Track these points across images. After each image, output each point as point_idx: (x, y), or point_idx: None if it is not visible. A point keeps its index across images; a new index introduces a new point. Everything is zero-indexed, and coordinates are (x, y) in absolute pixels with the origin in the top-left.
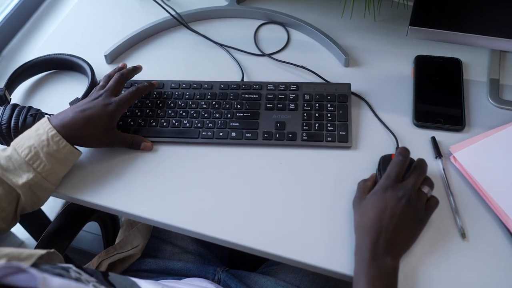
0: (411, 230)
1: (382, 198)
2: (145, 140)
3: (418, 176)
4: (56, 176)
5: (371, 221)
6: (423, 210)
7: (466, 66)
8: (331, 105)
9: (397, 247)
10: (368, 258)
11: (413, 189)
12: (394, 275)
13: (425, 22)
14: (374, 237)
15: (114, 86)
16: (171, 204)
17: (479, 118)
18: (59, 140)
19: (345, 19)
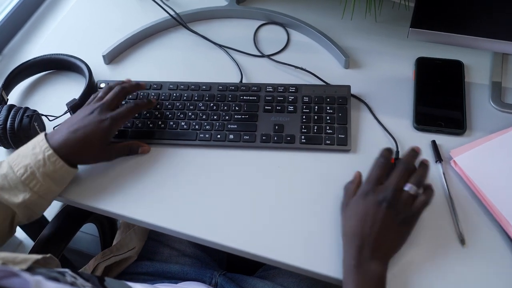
0: (395, 233)
1: (363, 204)
2: (142, 144)
3: (400, 174)
4: (53, 194)
5: (354, 229)
6: (408, 211)
7: (468, 69)
8: (330, 107)
9: (383, 252)
10: (354, 265)
11: (395, 191)
12: (381, 280)
13: (426, 23)
14: (358, 245)
15: (111, 100)
16: (166, 207)
17: (480, 122)
18: (55, 161)
19: (345, 20)
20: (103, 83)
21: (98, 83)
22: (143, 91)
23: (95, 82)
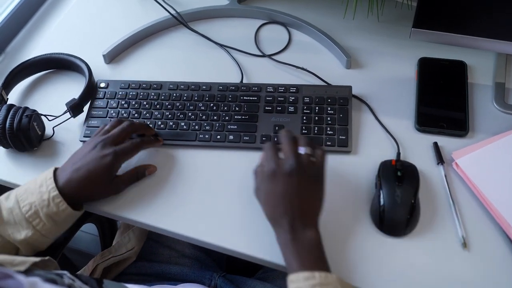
0: (313, 194)
1: (275, 182)
2: (148, 166)
3: (290, 143)
4: (55, 234)
5: (278, 208)
6: (314, 169)
7: (471, 69)
8: (331, 108)
9: (311, 216)
10: (290, 239)
11: (295, 157)
12: (319, 244)
13: (429, 24)
14: (288, 220)
15: (117, 135)
16: (165, 208)
17: (483, 123)
18: (59, 202)
19: (348, 20)
20: (103, 83)
21: (98, 82)
22: (143, 91)
23: (95, 82)
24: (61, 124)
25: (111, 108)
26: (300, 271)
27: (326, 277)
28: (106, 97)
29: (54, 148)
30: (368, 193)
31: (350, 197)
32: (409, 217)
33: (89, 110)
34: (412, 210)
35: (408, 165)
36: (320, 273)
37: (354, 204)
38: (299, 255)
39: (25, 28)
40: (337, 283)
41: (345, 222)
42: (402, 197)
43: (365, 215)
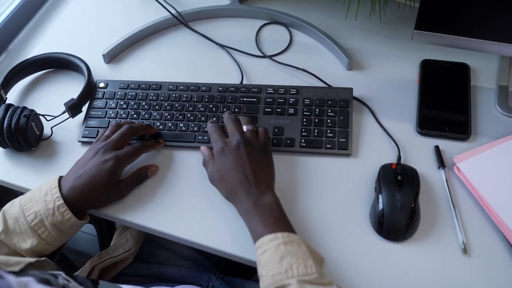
0: (264, 164)
1: (224, 159)
2: (149, 166)
3: (233, 124)
4: (60, 242)
5: (233, 181)
6: (260, 142)
7: (474, 72)
8: (331, 110)
9: (266, 183)
10: (250, 206)
11: (240, 134)
12: (279, 206)
13: (431, 25)
14: (245, 190)
15: (117, 139)
16: (161, 210)
17: (486, 127)
18: (64, 212)
19: (350, 21)
20: (102, 83)
21: (97, 82)
22: (142, 91)
23: (94, 82)
24: (60, 124)
25: (110, 108)
26: (263, 236)
27: (289, 236)
28: (105, 97)
29: (53, 148)
30: (368, 197)
31: (350, 201)
32: (408, 222)
33: (87, 110)
34: (412, 215)
35: (408, 169)
36: (282, 233)
37: (354, 208)
38: (261, 219)
39: (27, 26)
40: (300, 240)
41: (344, 226)
42: (402, 201)
43: (365, 219)
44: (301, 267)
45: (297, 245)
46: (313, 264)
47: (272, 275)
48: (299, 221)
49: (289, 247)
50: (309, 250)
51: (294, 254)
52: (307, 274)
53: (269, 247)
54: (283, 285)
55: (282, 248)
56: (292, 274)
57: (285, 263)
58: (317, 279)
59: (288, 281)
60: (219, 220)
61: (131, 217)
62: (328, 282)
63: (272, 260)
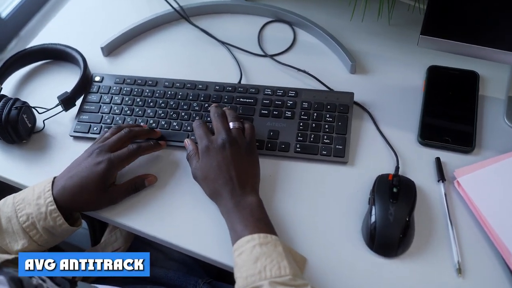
0: (249, 164)
1: (209, 158)
2: (147, 176)
3: (220, 120)
4: (52, 244)
5: (217, 181)
6: (246, 141)
7: (483, 81)
8: (330, 115)
9: (250, 184)
10: (232, 206)
11: (226, 132)
12: (261, 207)
13: (438, 31)
14: (229, 190)
15: (114, 142)
16: (152, 213)
17: (491, 140)
18: (56, 217)
19: (357, 22)
20: (98, 76)
21: (93, 75)
22: (138, 87)
23: (91, 75)
24: (53, 117)
25: (104, 103)
26: (241, 237)
27: (265, 237)
28: (100, 91)
29: (44, 141)
30: (362, 208)
31: (343, 211)
32: (402, 237)
33: (81, 104)
34: (405, 229)
35: (405, 181)
36: (259, 234)
37: (346, 219)
38: (241, 219)
39: (39, 12)
40: (276, 241)
41: (335, 238)
42: (395, 215)
43: (357, 232)
44: (275, 269)
45: (273, 246)
46: (287, 265)
47: (246, 277)
48: (288, 229)
49: (264, 248)
50: (286, 251)
51: (268, 255)
52: (280, 276)
53: (245, 248)
54: (256, 286)
55: (257, 249)
56: (265, 276)
57: (259, 265)
58: (290, 281)
59: (261, 282)
60: (210, 226)
61: (120, 219)
62: (302, 284)
63: (247, 262)
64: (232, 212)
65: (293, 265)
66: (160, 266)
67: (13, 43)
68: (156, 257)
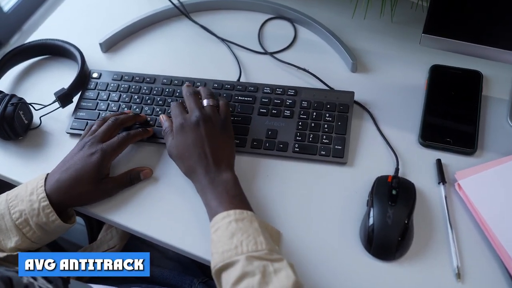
0: (224, 141)
1: (184, 135)
2: (142, 168)
3: (192, 99)
4: (46, 241)
5: (192, 159)
6: (221, 118)
7: (487, 81)
8: (329, 115)
9: (225, 161)
10: (207, 183)
11: (200, 110)
12: (236, 184)
13: (441, 30)
14: (202, 168)
15: (103, 132)
16: (144, 211)
17: (494, 142)
18: (49, 213)
19: (359, 19)
20: (95, 73)
21: (91, 72)
22: (136, 84)
23: (88, 71)
24: (50, 114)
25: (101, 100)
26: (217, 214)
27: (241, 213)
28: (97, 88)
29: (41, 138)
30: (360, 210)
31: (340, 213)
32: (400, 240)
33: (78, 101)
34: (404, 233)
35: (405, 183)
36: (235, 210)
37: (344, 221)
38: (216, 195)
39: (42, 7)
40: (252, 217)
41: (332, 239)
42: (393, 218)
43: (354, 234)
44: (251, 244)
45: (248, 222)
46: (264, 241)
47: (222, 252)
48: (284, 229)
49: (240, 224)
50: (262, 227)
51: (245, 231)
52: (256, 250)
53: (221, 224)
54: (232, 261)
55: (233, 225)
56: (241, 251)
57: (235, 240)
58: (267, 255)
59: (237, 257)
60: (204, 225)
61: (113, 216)
62: (277, 258)
63: (223, 237)
64: (207, 188)
65: (269, 241)
66: (156, 265)
67: (16, 37)
68: (152, 256)
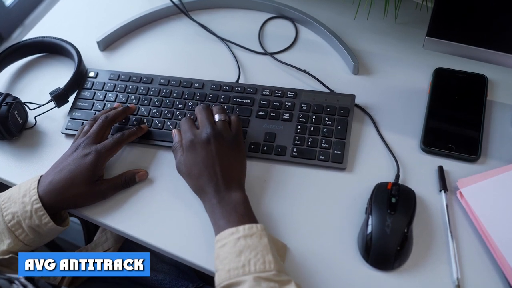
0: (235, 159)
1: (194, 152)
2: (137, 171)
3: (204, 114)
4: (39, 243)
5: (202, 177)
6: (232, 135)
7: (492, 85)
8: (329, 118)
9: (236, 180)
10: (216, 202)
11: (211, 126)
12: (246, 203)
13: (445, 33)
14: (213, 186)
15: (96, 132)
16: (141, 216)
17: (498, 149)
18: (42, 215)
19: (362, 20)
20: (92, 72)
21: (88, 71)
22: (132, 84)
23: (85, 70)
24: (46, 114)
25: (97, 100)
26: (224, 230)
27: (250, 228)
28: (94, 88)
29: (36, 138)
30: (359, 218)
31: (338, 220)
32: (399, 249)
33: (74, 100)
34: (403, 242)
35: (405, 191)
36: (244, 226)
37: (342, 229)
38: (225, 214)
39: (44, 1)
40: (262, 231)
41: (329, 247)
42: (392, 227)
43: (352, 243)
44: (259, 263)
45: (258, 238)
46: (272, 260)
47: (229, 270)
48: (280, 235)
49: (249, 241)
50: (270, 243)
51: (253, 248)
52: (264, 271)
53: (229, 240)
54: (238, 281)
55: (242, 241)
56: (249, 270)
57: (243, 258)
58: (275, 276)
59: (244, 277)
60: (199, 230)
61: (106, 219)
62: (286, 280)
63: (230, 254)
64: (216, 208)
65: (278, 259)
66: (151, 269)
67: (18, 32)
68: None
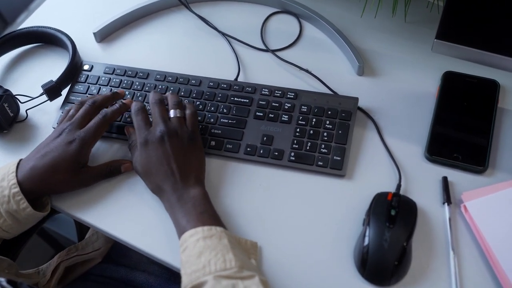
0: (192, 155)
1: (148, 151)
2: (124, 162)
3: (157, 109)
4: (18, 230)
5: (158, 176)
6: (188, 131)
7: (504, 91)
8: (330, 122)
9: (193, 176)
10: (175, 200)
11: (164, 124)
12: (205, 199)
13: (456, 36)
14: (170, 185)
15: (81, 117)
16: (129, 218)
17: (507, 160)
18: (20, 200)
19: (369, 18)
20: (87, 65)
21: (83, 63)
22: (128, 78)
23: (80, 62)
24: (38, 107)
25: (91, 94)
26: (185, 231)
27: (209, 230)
28: (88, 81)
29: (27, 131)
30: (356, 229)
31: (334, 230)
32: (396, 264)
33: (67, 94)
34: (401, 256)
35: (406, 202)
36: (203, 227)
37: (338, 240)
38: (184, 213)
39: None
40: (222, 233)
41: (323, 258)
42: (390, 241)
43: (348, 255)
44: (220, 262)
45: (217, 239)
46: (233, 258)
47: (190, 273)
48: (273, 242)
49: (208, 242)
50: (232, 243)
51: (213, 248)
52: (225, 269)
53: (189, 243)
54: (200, 282)
55: (201, 243)
56: (209, 270)
57: (203, 259)
58: (236, 273)
59: (205, 278)
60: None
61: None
62: (248, 276)
63: (191, 257)
64: (175, 206)
65: (240, 257)
66: (142, 270)
67: (22, 16)
68: (139, 260)
